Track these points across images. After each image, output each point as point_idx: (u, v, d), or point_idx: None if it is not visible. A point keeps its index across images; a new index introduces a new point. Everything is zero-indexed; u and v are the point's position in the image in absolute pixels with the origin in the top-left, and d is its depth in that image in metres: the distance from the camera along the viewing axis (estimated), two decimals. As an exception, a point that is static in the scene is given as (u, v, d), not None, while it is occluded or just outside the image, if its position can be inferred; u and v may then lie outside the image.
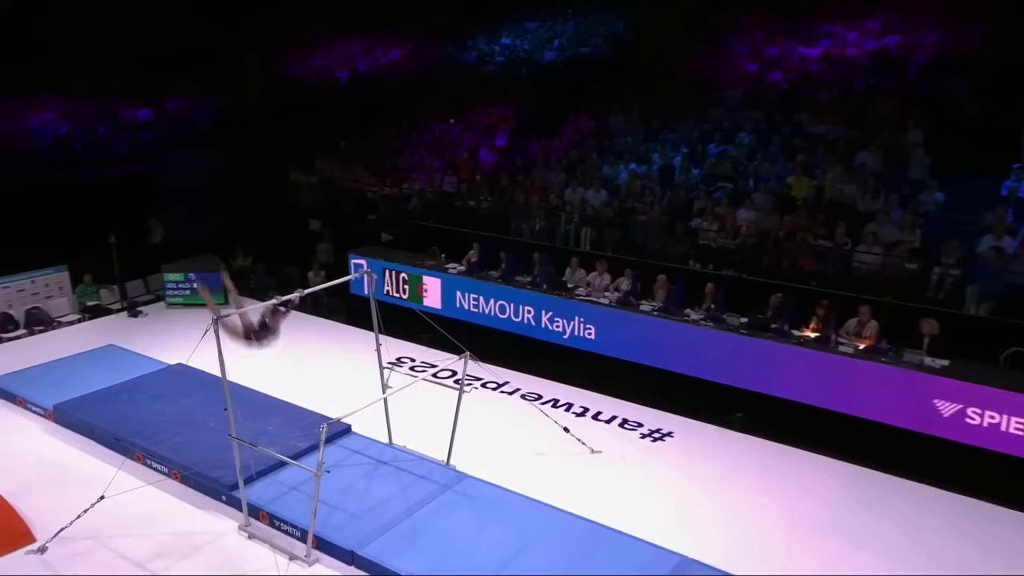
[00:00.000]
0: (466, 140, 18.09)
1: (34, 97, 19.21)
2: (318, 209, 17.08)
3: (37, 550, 7.61)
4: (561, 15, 23.29)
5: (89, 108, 19.86)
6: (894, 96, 15.10)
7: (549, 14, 23.50)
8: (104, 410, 9.82)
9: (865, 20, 17.23)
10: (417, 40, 24.22)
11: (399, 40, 24.54)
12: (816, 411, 10.32)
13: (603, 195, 14.84)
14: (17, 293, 13.74)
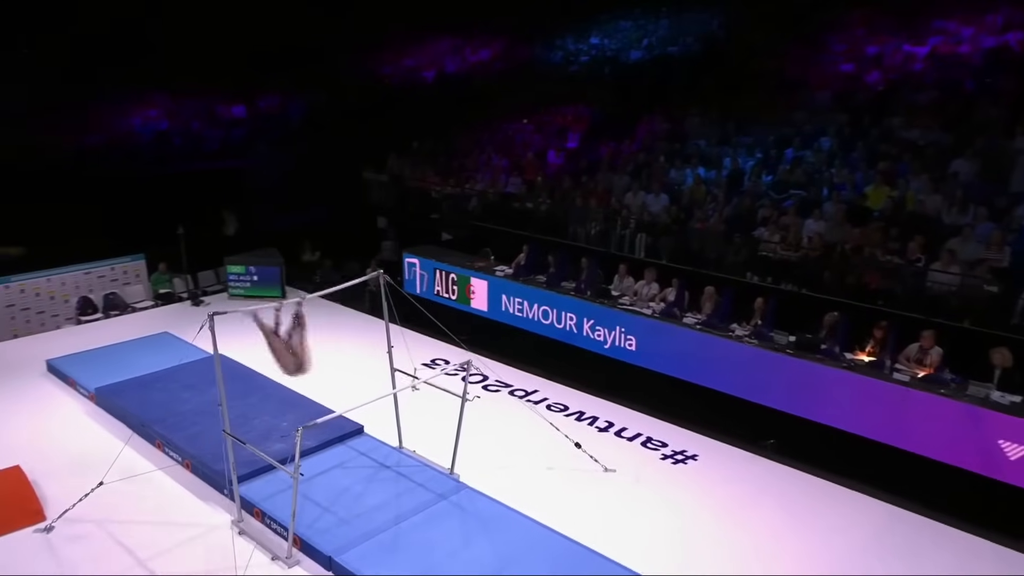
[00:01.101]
0: (536, 141, 17.73)
1: (141, 95, 20.28)
2: (386, 207, 17.16)
3: (44, 529, 7.88)
4: (655, 14, 22.53)
5: (189, 106, 20.79)
6: (1006, 98, 13.64)
7: (643, 13, 22.78)
8: (137, 396, 10.12)
9: (986, 15, 15.71)
10: (507, 40, 24.04)
11: (489, 40, 24.44)
12: (861, 442, 9.39)
13: (663, 200, 14.13)
14: (98, 279, 14.51)
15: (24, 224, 14.83)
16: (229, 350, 11.74)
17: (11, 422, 10.00)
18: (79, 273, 14.33)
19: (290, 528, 7.41)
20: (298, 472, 7.17)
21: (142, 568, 7.29)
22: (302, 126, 20.71)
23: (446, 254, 14.33)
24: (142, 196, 16.06)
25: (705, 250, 12.92)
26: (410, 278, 14.55)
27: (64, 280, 14.19)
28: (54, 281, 14.07)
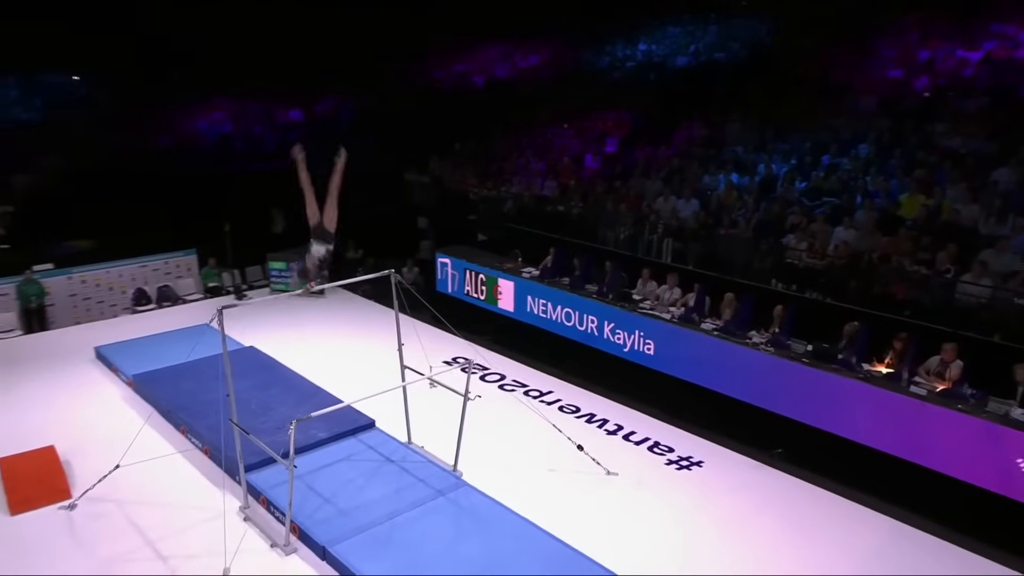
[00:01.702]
0: (574, 145, 17.54)
1: (209, 100, 20.91)
2: (426, 208, 17.22)
3: (68, 506, 8.12)
4: (704, 20, 22.05)
5: (252, 109, 21.33)
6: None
7: (692, 19, 22.33)
8: (169, 384, 10.37)
9: (1050, 18, 14.89)
10: (556, 46, 23.87)
11: (539, 46, 24.30)
12: (874, 454, 8.94)
13: (694, 205, 13.78)
14: (152, 271, 14.99)
15: (94, 219, 15.52)
16: (260, 342, 12.08)
17: (55, 404, 10.36)
18: (135, 266, 14.83)
19: (287, 517, 7.44)
20: (292, 463, 7.18)
21: (149, 548, 7.43)
22: (352, 129, 20.95)
23: (477, 255, 14.28)
24: (201, 194, 16.52)
25: (732, 256, 12.55)
26: (442, 277, 14.55)
27: (122, 272, 14.71)
28: (112, 273, 14.59)
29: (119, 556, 7.34)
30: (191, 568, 7.12)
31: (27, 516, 8.02)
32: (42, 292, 13.71)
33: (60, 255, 15.40)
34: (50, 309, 13.94)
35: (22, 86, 19.69)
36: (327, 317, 13.99)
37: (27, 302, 13.58)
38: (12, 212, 15.78)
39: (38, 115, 19.41)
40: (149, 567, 7.16)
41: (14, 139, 18.01)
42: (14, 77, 19.52)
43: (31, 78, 19.63)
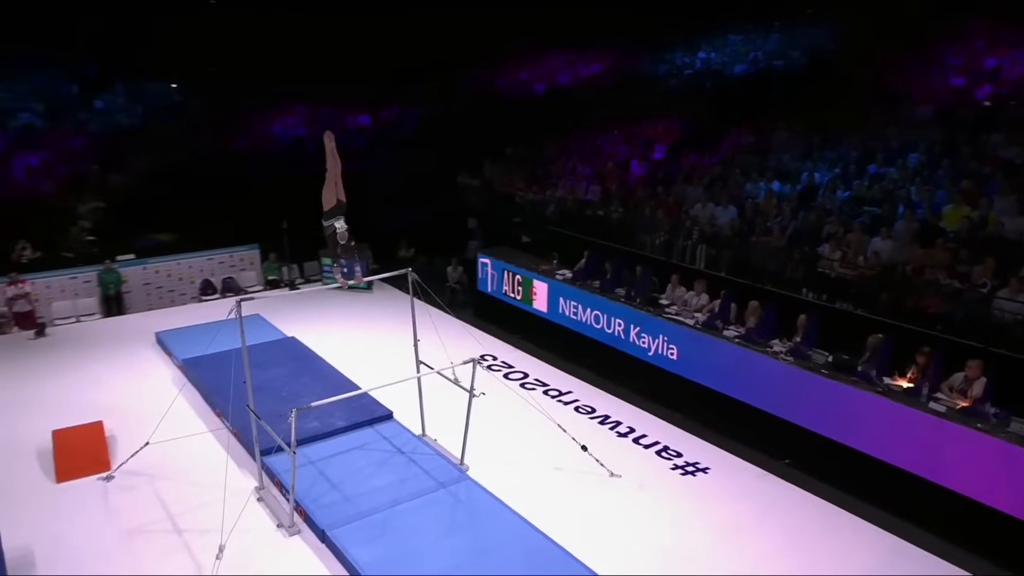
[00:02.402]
0: (622, 151, 17.25)
1: (288, 106, 21.61)
2: (476, 210, 17.28)
3: (105, 477, 8.53)
4: (767, 28, 21.34)
5: (325, 114, 21.87)
6: None
7: (755, 27, 21.65)
8: (211, 369, 10.73)
9: None
10: (618, 54, 23.54)
11: (601, 54, 24.02)
12: (888, 469, 8.44)
13: (731, 212, 13.32)
14: (219, 264, 15.61)
15: (175, 215, 16.28)
16: (301, 332, 12.37)
17: (112, 383, 10.90)
18: (203, 259, 15.46)
19: (290, 500, 7.59)
20: (293, 450, 7.31)
21: (169, 521, 7.73)
22: (415, 134, 21.24)
23: (516, 256, 14.23)
24: (269, 193, 17.05)
25: (764, 264, 12.07)
26: (483, 277, 14.58)
27: (191, 264, 15.36)
28: (183, 264, 15.26)
29: (140, 527, 7.65)
30: (201, 542, 7.35)
31: (70, 484, 8.47)
32: (119, 280, 14.46)
33: (143, 247, 16.22)
34: (127, 296, 14.68)
35: (129, 94, 20.82)
36: (369, 311, 14.22)
37: (106, 289, 14.35)
38: (103, 207, 16.69)
39: (138, 121, 20.45)
40: (164, 539, 7.44)
41: (115, 142, 19.09)
42: (122, 85, 20.69)
43: (136, 86, 20.75)
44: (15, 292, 13.57)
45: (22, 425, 9.66)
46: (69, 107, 19.80)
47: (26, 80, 19.56)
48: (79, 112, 19.93)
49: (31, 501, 8.14)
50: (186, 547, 7.33)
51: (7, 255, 14.92)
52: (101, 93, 20.52)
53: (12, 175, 18.04)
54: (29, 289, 13.70)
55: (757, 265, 12.07)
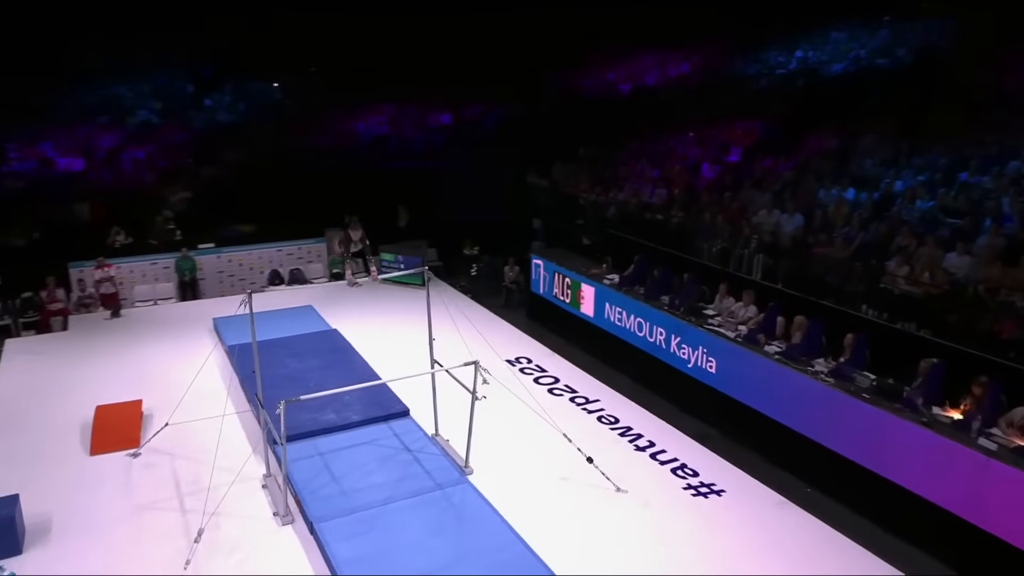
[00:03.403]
0: (695, 153, 16.55)
1: (373, 104, 22.20)
2: (543, 210, 17.09)
3: (133, 454, 8.99)
4: (875, 24, 19.93)
5: (409, 113, 22.33)
6: None
7: (863, 23, 20.25)
8: (251, 356, 11.06)
9: None
10: (710, 53, 22.64)
11: (691, 53, 23.18)
12: (923, 505, 7.64)
13: (797, 220, 12.48)
14: (287, 255, 16.22)
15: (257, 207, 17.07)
16: (345, 325, 12.60)
17: (164, 364, 11.50)
18: (273, 250, 16.10)
19: (283, 491, 7.70)
20: (283, 442, 7.40)
21: (176, 500, 8.05)
22: (495, 134, 21.26)
23: (569, 258, 13.95)
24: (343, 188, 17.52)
25: (824, 277, 11.21)
26: (536, 278, 14.38)
27: (261, 254, 16.05)
28: (254, 255, 15.97)
29: (150, 504, 8.00)
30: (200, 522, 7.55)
31: (101, 458, 8.99)
32: (194, 267, 15.28)
33: (226, 236, 17.09)
34: (201, 283, 15.48)
35: (235, 93, 22.02)
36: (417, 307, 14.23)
37: (182, 275, 15.22)
38: (190, 198, 17.72)
39: (238, 117, 21.59)
40: (167, 518, 7.74)
41: (213, 138, 20.25)
42: (231, 85, 21.91)
43: (242, 85, 21.92)
44: (102, 275, 14.60)
45: (77, 398, 10.33)
46: (182, 105, 21.12)
47: (149, 80, 21.03)
48: (189, 110, 21.24)
49: (63, 471, 8.68)
50: (185, 527, 7.58)
51: (103, 239, 16.12)
52: (212, 92, 21.81)
53: (121, 167, 19.49)
54: (114, 272, 14.71)
55: (815, 277, 11.23)
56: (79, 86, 19.05)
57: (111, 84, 20.44)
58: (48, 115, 18.64)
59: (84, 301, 14.55)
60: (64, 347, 12.64)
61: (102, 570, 6.92)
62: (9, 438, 9.46)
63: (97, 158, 19.57)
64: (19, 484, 8.21)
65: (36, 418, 9.99)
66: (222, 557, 7.16)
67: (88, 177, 18.71)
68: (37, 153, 19.18)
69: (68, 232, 16.27)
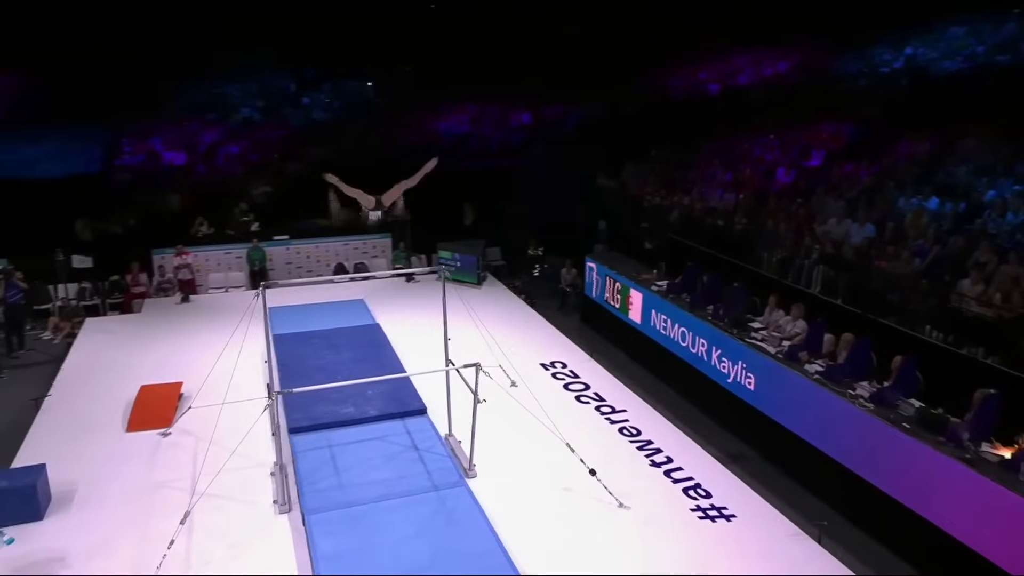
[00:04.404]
0: (772, 157, 15.70)
1: (459, 103, 22.48)
2: (609, 212, 16.73)
3: (163, 433, 9.47)
4: (1002, 16, 18.26)
5: (491, 112, 22.44)
6: None
7: (986, 16, 18.62)
8: (290, 346, 11.47)
9: None
10: (812, 50, 21.42)
11: (791, 51, 22.02)
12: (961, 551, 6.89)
13: (868, 230, 11.60)
14: (353, 250, 16.70)
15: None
16: (389, 321, 12.78)
17: (209, 348, 11.91)
18: (340, 243, 16.58)
19: (280, 481, 7.87)
20: (280, 431, 7.56)
21: (189, 480, 8.37)
22: (575, 133, 20.99)
23: (622, 262, 13.58)
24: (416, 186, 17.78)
25: (888, 293, 10.35)
26: (589, 281, 14.08)
27: (329, 247, 16.60)
28: (321, 248, 16.54)
29: (165, 483, 8.38)
30: (202, 504, 7.82)
31: (135, 435, 9.52)
32: (264, 258, 15.99)
33: (303, 229, 17.79)
34: (271, 273, 16.16)
35: (333, 91, 22.92)
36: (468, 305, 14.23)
37: (252, 265, 15.95)
38: (270, 191, 18.56)
39: (332, 116, 22.41)
40: (176, 497, 8.04)
41: (304, 135, 21.14)
42: (330, 84, 22.83)
43: (340, 85, 22.79)
44: (180, 262, 15.53)
45: (132, 376, 11.00)
46: (283, 104, 22.16)
47: (256, 80, 22.21)
48: (288, 108, 22.25)
49: (99, 444, 9.25)
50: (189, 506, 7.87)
51: (188, 229, 17.16)
52: (311, 91, 22.77)
53: (215, 161, 20.68)
54: (191, 260, 15.61)
55: (876, 293, 10.38)
56: (193, 85, 20.32)
57: (223, 84, 21.71)
58: (161, 112, 19.99)
59: (163, 286, 15.51)
60: (134, 328, 13.52)
61: (102, 543, 7.30)
62: (62, 410, 10.19)
63: (198, 152, 20.83)
64: (57, 454, 8.85)
65: (91, 393, 10.70)
66: (215, 539, 7.39)
67: (187, 170, 19.95)
68: (147, 147, 20.61)
69: (159, 221, 17.41)
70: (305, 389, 8.11)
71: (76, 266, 15.45)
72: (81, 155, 19.59)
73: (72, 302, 15.17)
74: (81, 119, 18.97)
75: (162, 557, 6.74)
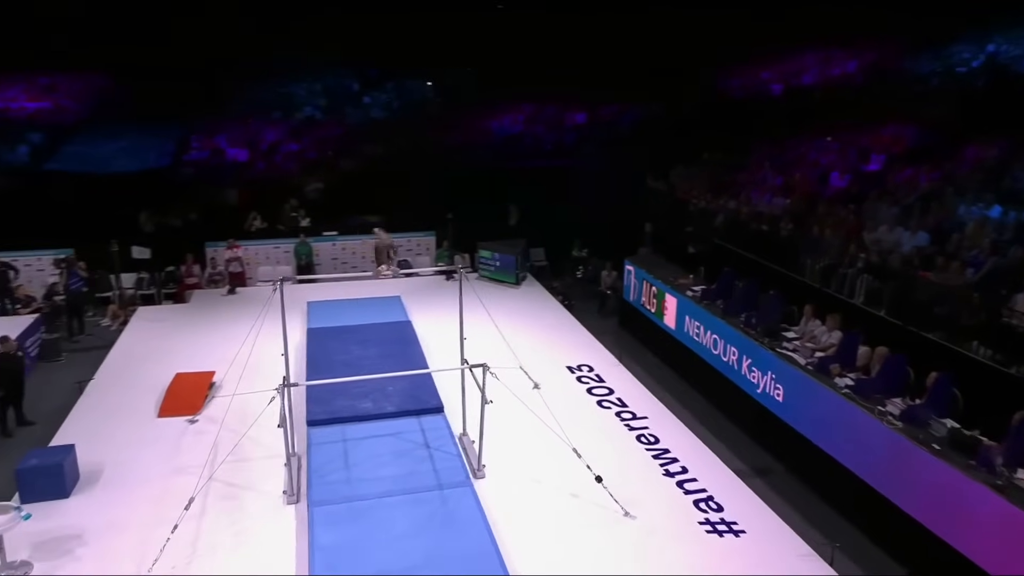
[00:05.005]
0: (828, 160, 15.12)
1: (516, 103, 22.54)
2: (656, 215, 16.43)
3: (190, 420, 9.81)
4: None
5: (547, 112, 22.39)
6: None
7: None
8: (323, 340, 11.73)
9: None
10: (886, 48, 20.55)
11: (863, 50, 21.17)
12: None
13: (921, 239, 11.05)
14: (397, 246, 16.78)
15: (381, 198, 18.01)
16: (423, 319, 12.88)
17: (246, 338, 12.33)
18: (384, 241, 16.77)
19: (290, 473, 8.03)
20: (284, 425, 7.69)
21: (208, 467, 8.53)
22: (629, 134, 20.72)
23: (660, 266, 13.32)
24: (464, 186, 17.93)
25: (935, 305, 9.81)
26: (627, 284, 13.87)
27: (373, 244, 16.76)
28: (366, 244, 16.75)
29: (183, 468, 8.66)
30: (217, 491, 8.10)
31: (166, 420, 9.90)
32: (311, 252, 16.40)
33: (352, 225, 18.17)
34: (317, 268, 16.56)
35: (394, 91, 23.37)
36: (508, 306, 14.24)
37: (299, 259, 16.39)
38: (322, 188, 19.03)
39: (391, 115, 22.82)
40: (192, 483, 8.28)
41: (361, 133, 21.60)
42: (392, 83, 23.30)
43: (401, 84, 23.22)
44: (231, 255, 16.08)
45: (171, 364, 11.44)
46: (345, 103, 22.70)
47: (321, 79, 22.84)
48: (349, 107, 22.78)
49: (131, 428, 9.66)
50: (204, 493, 8.12)
51: (242, 223, 17.76)
52: (373, 90, 23.26)
53: (274, 159, 21.34)
54: (241, 253, 16.13)
55: (921, 305, 9.85)
56: (261, 84, 21.03)
57: (291, 83, 22.39)
58: (229, 110, 20.75)
59: (214, 277, 16.09)
60: (180, 317, 14.08)
61: (117, 523, 7.61)
62: (102, 393, 10.69)
63: (260, 150, 21.52)
64: (91, 435, 9.31)
65: (131, 378, 11.19)
66: (223, 526, 7.61)
67: (247, 167, 20.65)
68: (212, 144, 21.43)
69: (217, 215, 18.07)
70: (314, 383, 8.29)
71: (135, 257, 16.18)
72: (153, 151, 20.56)
73: (130, 291, 15.90)
74: (155, 117, 19.95)
75: (165, 540, 6.95)
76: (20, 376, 10.22)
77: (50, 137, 19.98)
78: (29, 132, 19.73)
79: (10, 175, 18.52)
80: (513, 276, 15.10)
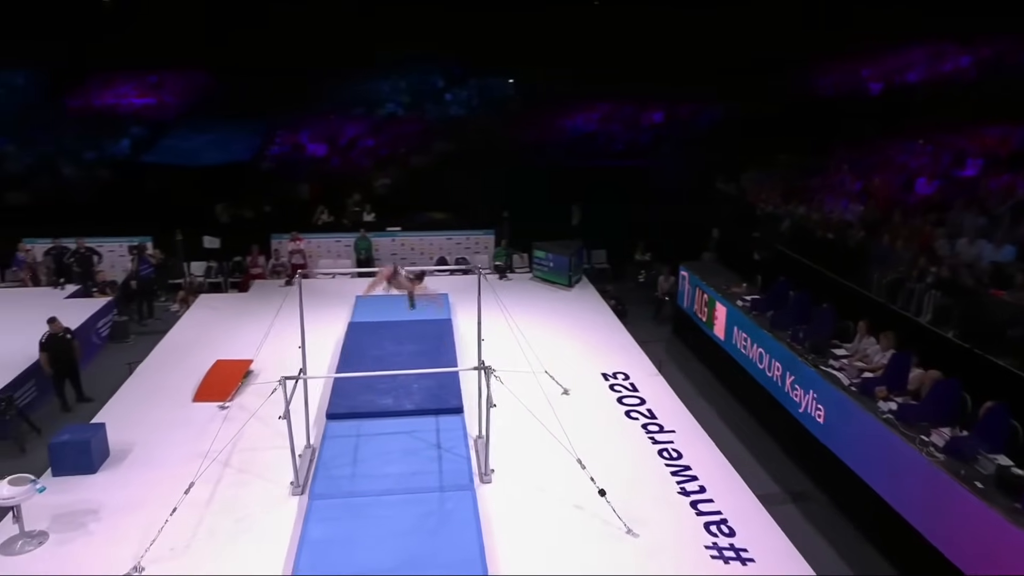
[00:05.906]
0: (916, 164, 14.14)
1: (593, 101, 22.35)
2: (723, 219, 15.86)
3: (221, 406, 10.22)
4: None
5: (624, 111, 22.05)
6: None
7: None
8: (359, 335, 11.95)
9: None
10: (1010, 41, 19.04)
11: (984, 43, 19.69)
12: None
13: (1007, 252, 10.20)
14: (455, 244, 17.11)
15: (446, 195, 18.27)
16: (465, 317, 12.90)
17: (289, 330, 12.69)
18: (443, 238, 17.05)
19: (295, 465, 8.21)
20: (287, 417, 7.86)
21: (225, 452, 8.92)
22: (706, 134, 20.11)
23: (715, 273, 12.83)
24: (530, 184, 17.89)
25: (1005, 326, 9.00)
26: (682, 291, 13.44)
27: (432, 241, 17.14)
28: (425, 241, 17.11)
29: (208, 453, 8.89)
30: (231, 478, 8.40)
31: (199, 405, 10.34)
32: (370, 247, 16.80)
33: (417, 221, 18.51)
34: (376, 263, 16.93)
35: (476, 88, 23.71)
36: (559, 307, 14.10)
37: (359, 253, 16.82)
38: (389, 184, 19.45)
39: (470, 112, 23.13)
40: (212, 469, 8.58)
41: (437, 129, 22.01)
42: (474, 81, 23.66)
43: (483, 82, 23.54)
44: (294, 247, 16.68)
45: (216, 350, 11.93)
46: (426, 99, 23.20)
47: (406, 76, 23.46)
48: (429, 103, 23.25)
49: (166, 411, 10.14)
50: (217, 478, 8.46)
51: (310, 216, 18.41)
52: (456, 88, 23.66)
53: (350, 154, 22.01)
54: (303, 246, 16.70)
55: (995, 326, 9.05)
56: (346, 81, 21.78)
57: (378, 79, 23.10)
58: (314, 106, 21.59)
59: (276, 268, 16.73)
60: (237, 305, 14.68)
61: (134, 501, 8.02)
62: (148, 377, 11.30)
63: (339, 145, 22.26)
64: (128, 415, 9.87)
65: (178, 362, 11.76)
66: (227, 513, 7.87)
67: (323, 162, 21.40)
68: (294, 139, 22.34)
69: (289, 208, 18.81)
70: (320, 376, 8.43)
71: (206, 246, 17.05)
72: (239, 144, 21.64)
73: (199, 279, 16.76)
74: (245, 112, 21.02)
75: (164, 522, 7.25)
76: (71, 355, 10.93)
77: (151, 131, 21.42)
78: (133, 126, 21.23)
79: (111, 167, 19.98)
80: (566, 278, 14.92)
